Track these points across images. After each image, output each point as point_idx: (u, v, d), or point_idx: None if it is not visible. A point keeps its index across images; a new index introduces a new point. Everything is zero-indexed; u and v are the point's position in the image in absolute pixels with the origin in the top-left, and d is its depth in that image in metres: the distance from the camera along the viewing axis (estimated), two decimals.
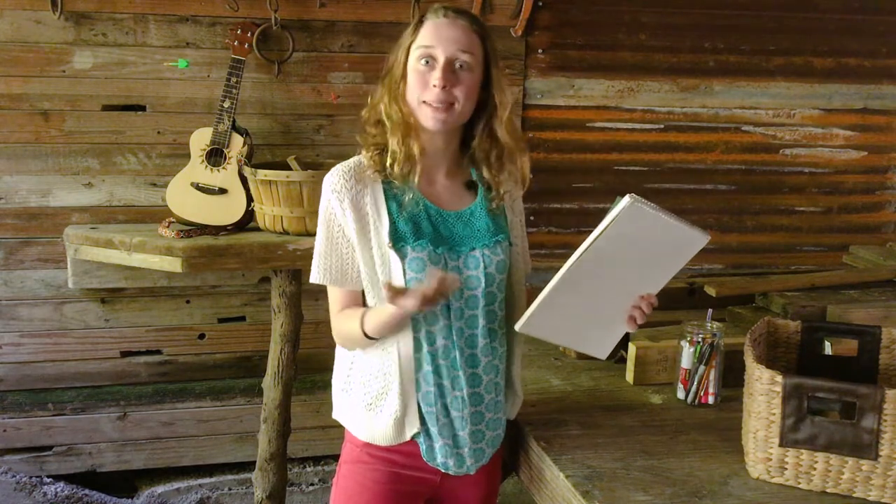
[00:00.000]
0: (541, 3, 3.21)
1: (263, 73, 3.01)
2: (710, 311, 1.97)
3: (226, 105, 2.78)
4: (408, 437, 1.65)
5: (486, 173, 1.69)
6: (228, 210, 2.77)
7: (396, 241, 1.59)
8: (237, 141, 2.79)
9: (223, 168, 2.78)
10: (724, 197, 3.56)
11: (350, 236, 1.63)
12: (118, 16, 2.90)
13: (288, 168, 2.71)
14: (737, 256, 3.60)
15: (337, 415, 1.76)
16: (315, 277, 1.68)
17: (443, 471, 1.67)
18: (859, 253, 2.98)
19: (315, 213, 2.59)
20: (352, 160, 1.67)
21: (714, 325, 1.90)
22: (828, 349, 1.83)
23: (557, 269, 1.53)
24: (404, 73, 1.62)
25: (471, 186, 1.72)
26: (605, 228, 1.48)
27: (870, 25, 3.54)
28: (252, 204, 2.76)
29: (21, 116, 2.89)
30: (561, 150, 3.37)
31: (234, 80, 2.80)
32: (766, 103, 3.52)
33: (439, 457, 1.66)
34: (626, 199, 1.47)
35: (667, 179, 3.49)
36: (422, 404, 1.63)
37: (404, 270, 1.58)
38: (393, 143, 1.61)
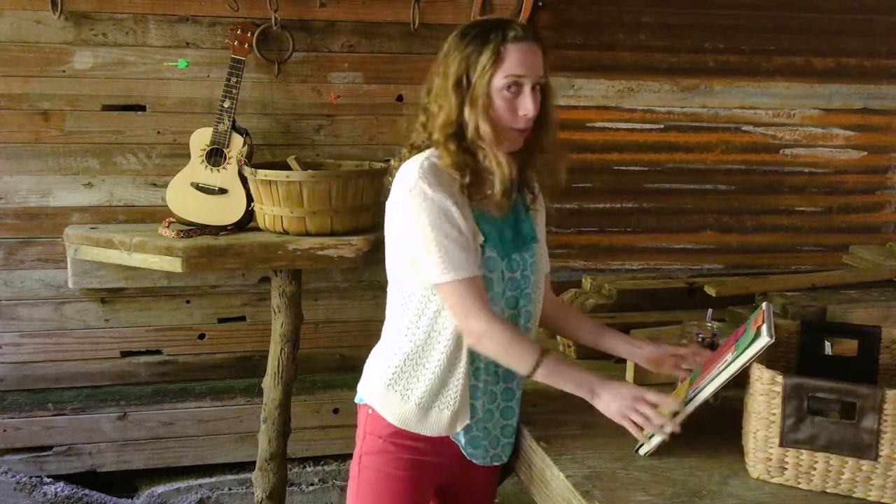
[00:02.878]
0: (541, 3, 3.21)
1: (263, 73, 3.01)
2: (710, 311, 1.97)
3: (226, 105, 2.78)
4: (458, 429, 1.69)
5: (534, 177, 1.77)
6: (228, 210, 2.77)
7: (484, 237, 1.64)
8: (237, 141, 2.78)
9: (223, 168, 2.78)
10: (724, 197, 3.56)
11: (464, 227, 1.61)
12: (118, 16, 2.90)
13: (288, 168, 2.71)
14: (737, 256, 3.60)
15: (367, 397, 1.75)
16: (459, 273, 1.59)
17: (473, 461, 1.72)
18: (859, 253, 2.98)
19: (315, 213, 2.63)
20: (426, 162, 1.63)
21: (714, 325, 1.90)
22: (828, 349, 1.83)
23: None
24: (489, 97, 1.60)
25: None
26: (744, 365, 1.55)
27: (870, 25, 3.53)
28: (252, 204, 2.76)
29: (21, 116, 2.89)
30: None
31: (234, 80, 2.80)
32: (766, 103, 3.52)
33: (469, 448, 1.71)
34: (767, 338, 1.51)
35: (667, 179, 3.49)
36: (471, 397, 1.69)
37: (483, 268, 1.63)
38: (502, 177, 1.61)
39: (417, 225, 1.59)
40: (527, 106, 1.60)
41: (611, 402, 1.59)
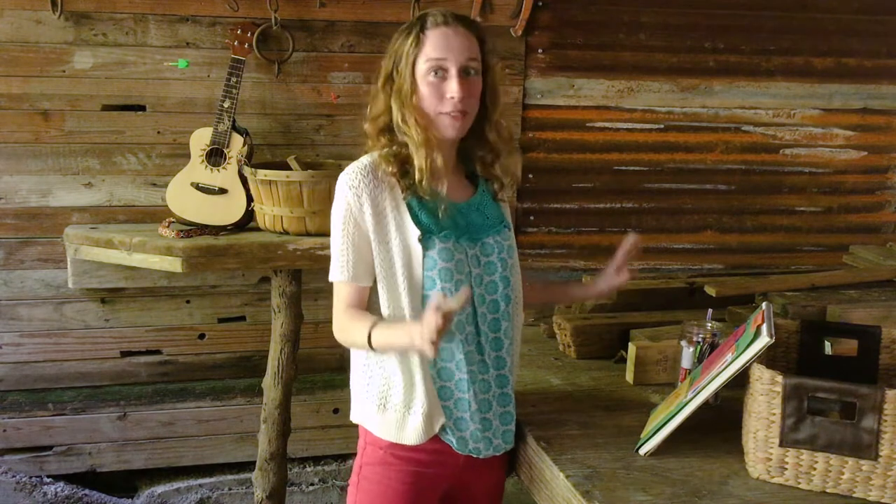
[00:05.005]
0: (541, 3, 3.21)
1: (263, 73, 3.01)
2: (710, 311, 1.97)
3: (226, 105, 2.78)
4: (436, 430, 1.68)
5: (479, 169, 1.77)
6: (228, 210, 2.77)
7: (423, 234, 1.63)
8: (237, 141, 2.78)
9: (223, 168, 2.78)
10: (724, 197, 3.56)
11: (366, 232, 1.64)
12: (118, 16, 2.90)
13: (288, 168, 2.71)
14: (737, 256, 3.60)
15: (357, 418, 1.77)
16: (336, 276, 1.67)
17: (474, 455, 1.70)
18: (859, 253, 2.98)
19: (315, 213, 2.63)
20: (366, 159, 1.68)
21: (714, 325, 1.90)
22: (828, 349, 1.83)
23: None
24: (413, 84, 1.62)
25: (469, 177, 1.79)
26: (744, 365, 1.55)
27: (870, 25, 3.53)
28: (252, 204, 2.76)
29: (21, 116, 2.89)
30: (561, 150, 3.37)
31: (234, 80, 2.80)
32: (766, 103, 3.52)
33: (471, 443, 1.69)
34: (767, 338, 1.51)
35: (667, 179, 3.49)
36: (455, 392, 1.67)
37: (431, 262, 1.62)
38: (419, 160, 1.63)
39: (332, 224, 1.67)
40: (452, 89, 1.60)
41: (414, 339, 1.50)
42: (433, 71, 1.60)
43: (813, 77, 3.54)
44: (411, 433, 1.67)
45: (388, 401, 1.68)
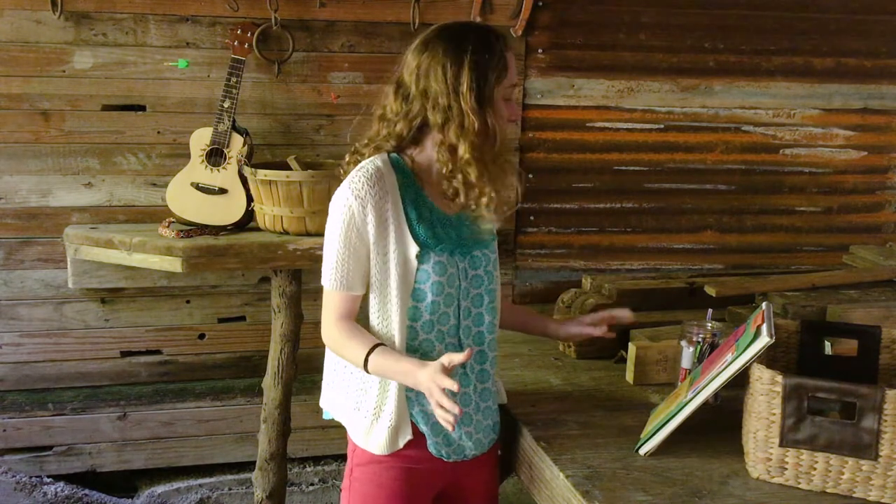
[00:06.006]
0: (541, 3, 3.21)
1: (263, 73, 3.01)
2: (710, 311, 1.97)
3: (226, 105, 2.78)
4: (400, 445, 1.68)
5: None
6: (228, 210, 2.77)
7: (421, 248, 1.63)
8: (237, 141, 2.79)
9: (223, 168, 2.78)
10: (724, 197, 3.56)
11: (367, 241, 1.63)
12: (118, 16, 2.90)
13: (288, 168, 2.71)
14: (737, 256, 3.60)
15: (331, 410, 1.80)
16: (330, 284, 1.67)
17: (455, 458, 1.71)
18: (859, 253, 2.98)
19: (315, 213, 2.63)
20: (370, 166, 1.66)
21: (714, 325, 1.91)
22: (828, 349, 1.83)
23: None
24: (492, 101, 1.62)
25: None
26: (744, 365, 1.55)
27: (870, 25, 3.53)
28: (252, 204, 2.76)
29: (21, 116, 2.89)
30: (561, 150, 3.37)
31: (234, 80, 2.80)
32: (766, 103, 3.52)
33: (444, 448, 1.70)
34: (767, 338, 1.51)
35: (667, 179, 3.49)
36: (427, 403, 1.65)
37: (424, 275, 1.62)
38: (474, 173, 1.60)
39: (329, 226, 1.66)
40: (516, 112, 1.67)
41: (420, 386, 1.53)
42: (510, 91, 1.64)
43: (813, 77, 3.54)
44: (375, 444, 1.68)
45: (361, 404, 1.70)
